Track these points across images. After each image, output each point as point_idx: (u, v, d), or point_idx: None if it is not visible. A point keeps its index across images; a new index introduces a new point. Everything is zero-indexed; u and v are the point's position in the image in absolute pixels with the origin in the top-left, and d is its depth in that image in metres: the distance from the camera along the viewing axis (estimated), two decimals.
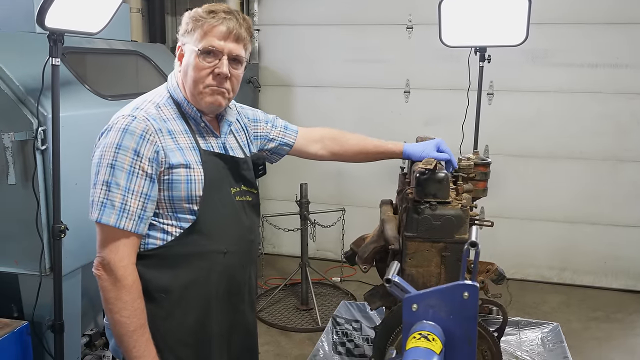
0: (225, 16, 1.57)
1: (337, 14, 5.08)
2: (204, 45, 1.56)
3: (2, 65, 2.32)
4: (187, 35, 1.60)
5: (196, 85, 1.60)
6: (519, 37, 3.25)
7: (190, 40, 1.59)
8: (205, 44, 1.56)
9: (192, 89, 1.61)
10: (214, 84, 1.59)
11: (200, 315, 1.66)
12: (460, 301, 1.34)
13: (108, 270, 1.50)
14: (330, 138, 2.03)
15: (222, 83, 1.60)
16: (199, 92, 1.60)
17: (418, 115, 5.04)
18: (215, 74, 1.58)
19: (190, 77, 1.60)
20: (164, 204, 1.58)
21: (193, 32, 1.58)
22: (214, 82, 1.59)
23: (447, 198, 1.72)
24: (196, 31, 1.57)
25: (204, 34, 1.57)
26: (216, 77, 1.59)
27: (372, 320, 2.62)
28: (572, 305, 4.61)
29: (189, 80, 1.61)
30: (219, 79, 1.59)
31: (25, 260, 2.44)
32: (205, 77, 1.59)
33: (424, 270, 1.75)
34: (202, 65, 1.57)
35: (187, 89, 1.63)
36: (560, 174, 4.85)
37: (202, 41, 1.56)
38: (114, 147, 1.50)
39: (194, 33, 1.58)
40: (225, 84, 1.61)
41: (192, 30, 1.58)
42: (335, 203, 5.08)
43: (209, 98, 1.61)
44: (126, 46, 3.36)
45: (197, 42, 1.57)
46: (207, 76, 1.59)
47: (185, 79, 1.62)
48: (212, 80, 1.59)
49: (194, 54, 1.58)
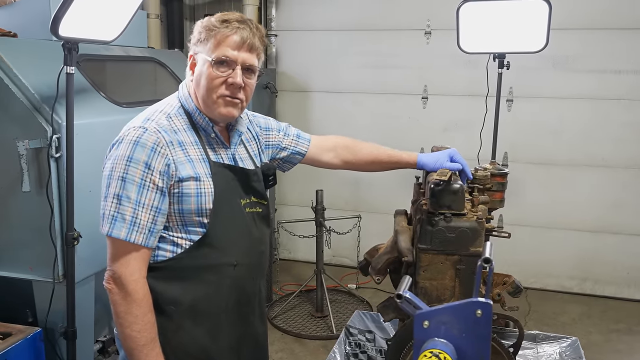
0: (238, 25, 1.56)
1: (355, 20, 5.05)
2: (217, 55, 1.55)
3: (18, 73, 2.33)
4: (199, 44, 1.59)
5: (209, 95, 1.58)
6: (539, 43, 3.19)
7: (203, 49, 1.58)
8: (218, 53, 1.55)
9: (206, 98, 1.60)
10: (227, 93, 1.58)
11: (210, 328, 1.65)
12: (473, 319, 1.31)
13: (119, 284, 1.49)
14: (343, 147, 2.00)
15: (235, 93, 1.59)
16: (213, 102, 1.59)
17: (436, 121, 4.99)
18: (229, 83, 1.57)
19: (203, 87, 1.58)
20: (174, 217, 1.57)
21: (206, 41, 1.57)
22: (227, 91, 1.58)
23: (462, 210, 1.69)
24: (209, 41, 1.56)
25: (217, 43, 1.55)
26: (229, 86, 1.57)
27: (385, 332, 2.58)
28: (593, 316, 4.51)
29: (202, 90, 1.59)
30: (232, 88, 1.58)
31: (39, 267, 2.45)
32: (219, 87, 1.57)
33: (438, 283, 1.72)
34: (216, 75, 1.56)
35: (200, 98, 1.61)
36: (582, 182, 4.75)
37: (216, 51, 1.55)
38: (125, 159, 1.49)
39: (207, 42, 1.56)
40: (239, 93, 1.59)
41: (205, 39, 1.57)
42: (351, 209, 5.05)
43: (222, 109, 1.60)
44: (142, 53, 3.37)
45: (210, 52, 1.56)
46: (221, 86, 1.57)
47: (198, 88, 1.61)
48: (225, 90, 1.58)
49: (207, 63, 1.56)
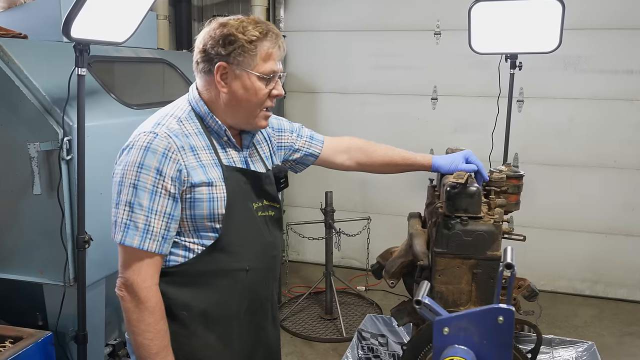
0: (277, 37, 1.55)
1: (364, 20, 5.02)
2: (266, 70, 1.54)
3: (29, 75, 2.32)
4: (238, 56, 1.51)
5: (255, 109, 1.58)
6: (552, 43, 3.16)
7: (245, 62, 1.51)
8: (267, 69, 1.54)
9: (249, 111, 1.58)
10: (271, 105, 1.61)
11: (223, 334, 1.63)
12: (494, 326, 1.29)
13: (131, 292, 1.47)
14: (357, 148, 1.97)
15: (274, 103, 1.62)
16: (256, 116, 1.60)
17: (445, 122, 4.95)
18: (274, 95, 1.58)
19: (248, 101, 1.56)
20: (186, 223, 1.55)
21: (250, 53, 1.51)
22: (271, 103, 1.60)
23: (479, 213, 1.66)
24: (255, 54, 1.51)
25: (265, 57, 1.53)
26: (272, 98, 1.59)
27: (398, 335, 2.56)
28: (605, 319, 4.46)
29: (248, 104, 1.57)
30: (275, 100, 1.61)
31: (49, 271, 2.44)
32: (266, 100, 1.58)
33: (454, 287, 1.69)
34: (264, 90, 1.56)
35: (240, 112, 1.58)
36: (593, 184, 4.70)
37: (264, 66, 1.53)
38: (136, 166, 1.46)
39: (254, 56, 1.51)
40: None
41: (248, 52, 1.50)
42: (361, 211, 5.02)
43: (263, 122, 1.63)
44: (152, 54, 3.36)
45: (257, 67, 1.53)
46: (266, 99, 1.58)
47: (238, 102, 1.56)
48: (270, 102, 1.60)
49: (254, 77, 1.53)
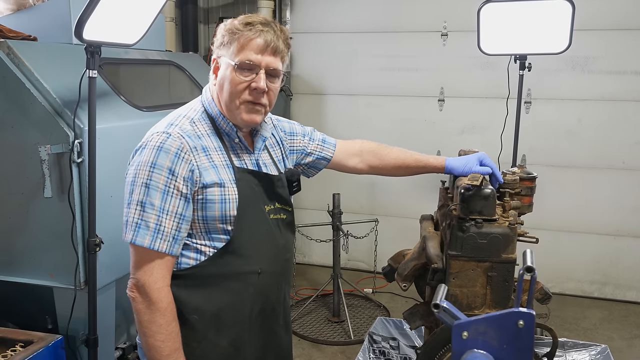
0: (262, 28, 1.52)
1: (371, 22, 5.01)
2: (240, 59, 1.51)
3: (39, 77, 2.32)
4: (222, 48, 1.56)
5: (232, 100, 1.55)
6: (562, 44, 3.14)
7: (227, 53, 1.54)
8: (242, 57, 1.51)
9: (229, 103, 1.56)
10: (250, 98, 1.55)
11: (235, 338, 1.61)
12: (515, 330, 1.27)
13: (142, 293, 1.46)
14: (369, 151, 1.96)
15: (258, 97, 1.55)
16: (236, 108, 1.56)
17: (453, 124, 4.93)
18: (252, 88, 1.53)
19: (226, 92, 1.55)
20: (198, 224, 1.54)
21: (229, 45, 1.53)
22: (250, 96, 1.54)
23: (494, 215, 1.65)
24: (232, 44, 1.52)
25: (240, 47, 1.52)
26: (253, 91, 1.54)
27: (409, 339, 2.55)
28: (614, 321, 4.43)
29: (225, 95, 1.56)
30: (255, 93, 1.54)
31: (60, 274, 2.43)
32: (242, 92, 1.54)
33: (469, 290, 1.68)
34: (239, 79, 1.53)
35: (223, 103, 1.58)
36: (602, 185, 4.67)
37: (239, 55, 1.52)
38: (149, 165, 1.46)
39: (230, 46, 1.53)
40: (262, 98, 1.56)
41: (228, 43, 1.54)
42: (368, 213, 5.01)
43: (245, 115, 1.56)
44: (161, 56, 3.36)
45: (233, 56, 1.52)
46: (244, 91, 1.54)
47: (221, 93, 1.58)
48: (248, 95, 1.54)
49: (230, 67, 1.53)
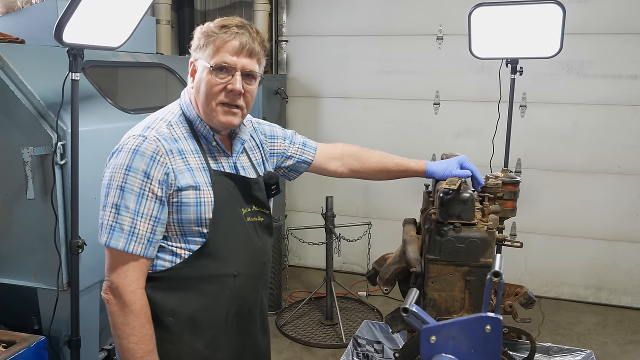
0: (237, 31, 1.53)
1: (367, 25, 5.02)
2: (216, 61, 1.52)
3: (24, 79, 2.32)
4: (199, 50, 1.57)
5: (209, 103, 1.55)
6: (553, 48, 3.13)
7: (203, 55, 1.55)
8: (217, 60, 1.52)
9: (205, 106, 1.57)
10: (226, 100, 1.55)
11: (210, 340, 1.61)
12: (482, 335, 1.26)
13: (116, 295, 1.47)
14: (350, 155, 1.96)
15: (235, 100, 1.55)
16: (212, 110, 1.56)
17: (448, 127, 4.93)
18: (228, 90, 1.54)
19: (202, 94, 1.56)
20: (173, 227, 1.54)
21: (205, 47, 1.54)
22: (226, 99, 1.55)
23: (472, 219, 1.64)
24: (208, 47, 1.54)
25: (216, 49, 1.52)
26: (229, 93, 1.54)
27: (394, 342, 2.53)
28: (609, 326, 4.41)
29: (201, 97, 1.56)
30: (231, 95, 1.54)
31: (43, 275, 2.43)
32: (218, 94, 1.54)
33: (447, 295, 1.67)
34: (215, 81, 1.53)
35: (200, 105, 1.59)
36: (597, 190, 4.66)
37: (215, 57, 1.52)
38: (124, 168, 1.47)
39: (206, 49, 1.54)
40: (238, 100, 1.56)
41: (204, 45, 1.55)
42: (362, 216, 5.01)
43: (222, 117, 1.57)
44: (151, 59, 3.36)
45: (209, 58, 1.53)
46: (220, 93, 1.54)
47: (198, 95, 1.58)
48: (224, 97, 1.55)
49: (207, 70, 1.54)
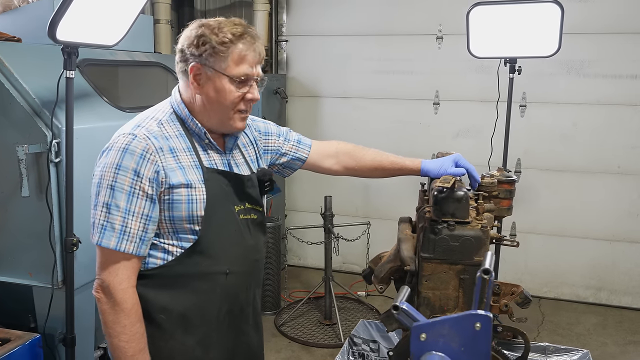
0: (253, 41, 1.53)
1: (366, 25, 5.01)
2: (238, 73, 1.52)
3: (19, 77, 2.32)
4: (210, 57, 1.50)
5: (228, 111, 1.57)
6: (551, 47, 3.13)
7: (217, 63, 1.50)
8: (239, 72, 1.52)
9: (222, 114, 1.57)
10: (244, 108, 1.58)
11: (202, 338, 1.61)
12: (472, 332, 1.25)
13: (107, 294, 1.47)
14: (345, 153, 1.95)
15: (250, 107, 1.59)
16: (229, 118, 1.58)
17: (448, 127, 4.92)
18: (248, 99, 1.57)
19: (219, 103, 1.55)
20: (165, 224, 1.54)
21: (220, 55, 1.50)
22: (244, 106, 1.58)
23: (467, 218, 1.64)
24: (224, 56, 1.50)
25: (238, 60, 1.51)
26: (248, 102, 1.57)
27: (390, 341, 2.52)
28: (609, 327, 4.39)
29: (220, 107, 1.56)
30: (249, 103, 1.58)
31: (38, 273, 2.43)
32: (238, 103, 1.56)
33: (441, 293, 1.67)
34: (236, 92, 1.54)
35: (212, 113, 1.57)
36: (597, 190, 4.65)
37: (236, 69, 1.52)
38: (114, 167, 1.46)
39: (222, 57, 1.50)
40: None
41: (217, 53, 1.50)
42: (361, 216, 5.00)
43: (239, 124, 1.60)
44: (149, 58, 3.35)
45: (229, 69, 1.51)
46: (240, 102, 1.56)
47: (211, 104, 1.56)
48: (243, 106, 1.58)
49: (227, 80, 1.52)
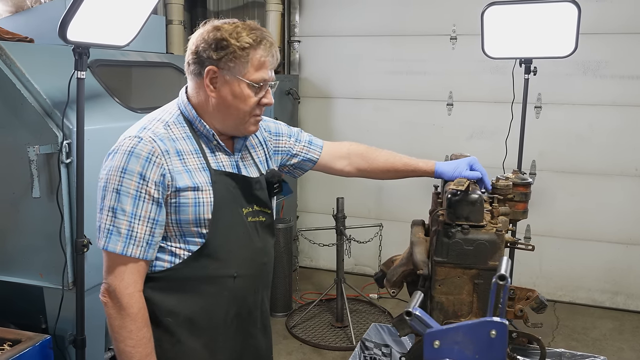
0: (271, 46, 1.52)
1: (379, 25, 4.97)
2: (257, 78, 1.51)
3: (31, 78, 2.32)
4: (229, 62, 1.48)
5: (245, 116, 1.56)
6: (568, 48, 3.08)
7: (236, 68, 1.49)
8: (258, 77, 1.51)
9: (238, 119, 1.56)
10: (259, 112, 1.58)
11: (209, 341, 1.59)
12: (487, 340, 1.22)
13: (113, 298, 1.45)
14: (357, 154, 1.93)
15: (263, 111, 1.60)
16: (245, 122, 1.57)
17: (461, 128, 4.87)
18: (263, 104, 1.56)
19: (236, 108, 1.54)
20: (172, 228, 1.52)
21: (241, 60, 1.48)
22: (259, 111, 1.57)
23: (481, 221, 1.60)
24: (246, 62, 1.49)
25: (257, 66, 1.50)
26: (262, 106, 1.57)
27: (403, 346, 2.49)
28: (625, 332, 4.32)
29: (235, 111, 1.54)
30: (264, 108, 1.58)
31: (49, 274, 2.43)
32: (255, 108, 1.55)
33: (455, 298, 1.63)
34: (254, 98, 1.53)
35: (229, 116, 1.56)
36: (614, 192, 4.56)
37: (255, 74, 1.51)
38: (119, 171, 1.44)
39: (245, 63, 1.49)
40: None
41: (239, 58, 1.48)
42: (374, 217, 4.96)
43: (253, 127, 1.60)
44: (160, 58, 3.35)
45: (248, 75, 1.50)
46: (256, 106, 1.55)
47: (228, 109, 1.54)
48: (259, 111, 1.57)
49: (244, 84, 1.51)
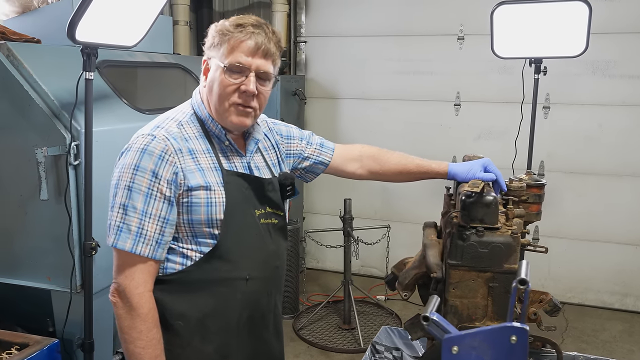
0: (253, 30, 1.49)
1: (386, 25, 4.95)
2: (230, 61, 1.48)
3: (38, 79, 2.31)
4: (213, 49, 1.53)
5: (221, 103, 1.52)
6: (579, 47, 3.04)
7: (216, 54, 1.51)
8: (232, 59, 1.48)
9: (217, 105, 1.53)
10: (239, 101, 1.51)
11: (221, 345, 1.57)
12: (507, 346, 1.19)
13: (123, 298, 1.43)
14: (369, 157, 1.90)
15: (248, 101, 1.52)
16: (225, 110, 1.53)
17: (469, 129, 4.84)
18: (242, 91, 1.50)
19: (215, 94, 1.52)
20: (183, 228, 1.50)
21: (219, 46, 1.50)
22: (239, 99, 1.51)
23: (496, 223, 1.57)
24: (223, 46, 1.50)
25: (231, 49, 1.49)
26: (242, 94, 1.51)
27: (414, 349, 2.46)
28: (635, 334, 4.28)
29: (214, 97, 1.53)
30: (245, 96, 1.51)
31: (57, 277, 2.41)
32: (231, 94, 1.51)
33: (469, 301, 1.61)
34: (228, 82, 1.49)
35: (212, 105, 1.55)
36: (624, 193, 4.53)
37: (229, 57, 1.48)
38: (132, 168, 1.43)
39: (221, 47, 1.50)
40: (252, 101, 1.52)
41: (218, 44, 1.51)
42: (381, 219, 4.93)
43: (234, 118, 1.53)
44: (168, 59, 3.34)
45: (223, 58, 1.49)
46: (233, 93, 1.50)
47: (211, 95, 1.54)
48: (237, 98, 1.51)
49: (220, 69, 1.50)
